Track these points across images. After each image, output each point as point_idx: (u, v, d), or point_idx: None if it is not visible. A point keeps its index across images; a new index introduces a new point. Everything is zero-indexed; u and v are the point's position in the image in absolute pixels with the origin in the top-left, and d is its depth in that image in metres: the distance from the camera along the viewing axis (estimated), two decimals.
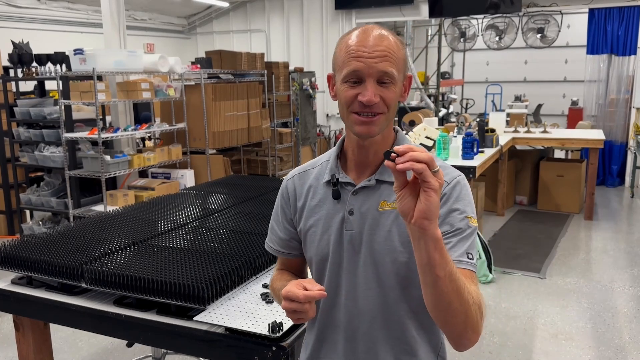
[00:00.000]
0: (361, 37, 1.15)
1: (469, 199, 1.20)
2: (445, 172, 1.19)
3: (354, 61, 1.13)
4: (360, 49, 1.13)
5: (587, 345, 3.52)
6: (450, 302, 1.03)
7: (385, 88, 1.14)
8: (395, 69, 1.14)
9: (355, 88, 1.15)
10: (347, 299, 1.25)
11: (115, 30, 5.68)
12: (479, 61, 11.86)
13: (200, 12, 10.91)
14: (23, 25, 7.70)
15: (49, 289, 2.02)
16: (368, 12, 9.06)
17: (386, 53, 1.13)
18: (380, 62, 1.12)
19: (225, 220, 2.57)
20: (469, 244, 1.15)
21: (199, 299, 1.71)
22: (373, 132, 1.17)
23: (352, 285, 1.24)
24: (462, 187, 1.20)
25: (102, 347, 3.58)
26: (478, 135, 5.46)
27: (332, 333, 1.30)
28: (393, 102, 1.17)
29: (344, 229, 1.24)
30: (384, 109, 1.16)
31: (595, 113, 8.61)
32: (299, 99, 8.17)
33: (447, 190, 1.18)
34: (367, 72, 1.13)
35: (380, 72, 1.13)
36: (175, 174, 5.96)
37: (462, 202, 1.18)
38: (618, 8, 8.00)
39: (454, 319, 1.06)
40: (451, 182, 1.19)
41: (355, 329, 1.26)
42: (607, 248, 5.47)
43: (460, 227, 1.15)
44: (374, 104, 1.14)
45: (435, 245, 0.98)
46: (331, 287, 1.27)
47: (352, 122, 1.18)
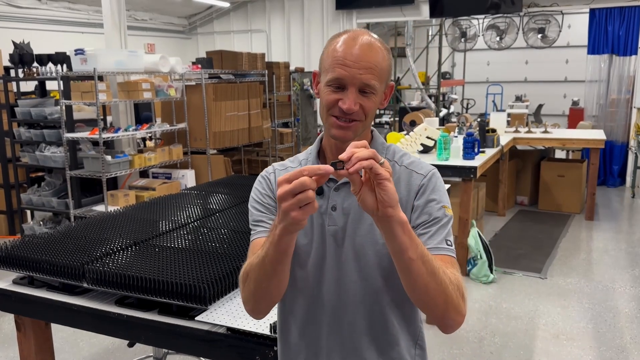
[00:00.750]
0: (349, 45, 1.19)
1: (443, 189, 1.27)
2: (419, 166, 1.29)
3: (339, 68, 1.18)
4: (347, 57, 1.18)
5: (588, 346, 3.52)
6: (426, 283, 1.08)
7: (366, 97, 1.20)
8: (377, 81, 1.20)
9: (337, 93, 1.20)
10: (330, 292, 1.27)
11: (116, 30, 5.68)
12: (480, 61, 11.85)
13: (200, 12, 10.91)
14: (24, 25, 7.70)
15: (51, 289, 2.02)
16: (369, 12, 9.05)
17: (371, 65, 1.18)
18: (364, 74, 1.17)
19: (227, 220, 2.57)
20: (446, 231, 1.22)
21: (200, 298, 1.71)
22: (348, 137, 1.22)
23: (334, 278, 1.26)
24: (437, 179, 1.28)
25: (103, 347, 3.58)
26: (479, 135, 5.45)
27: (314, 325, 1.30)
28: (371, 111, 1.23)
29: (327, 224, 1.26)
30: (361, 117, 1.21)
31: (596, 113, 8.61)
32: (300, 99, 8.17)
33: (424, 182, 1.25)
34: (350, 81, 1.18)
35: (362, 84, 1.18)
36: (176, 174, 5.96)
37: (438, 192, 1.25)
38: (619, 8, 8.00)
39: (434, 300, 1.11)
40: (427, 174, 1.27)
41: (339, 322, 1.27)
42: (608, 248, 5.47)
43: (438, 215, 1.22)
44: (353, 112, 1.19)
45: (402, 229, 1.03)
46: (314, 282, 1.28)
47: (330, 125, 1.24)
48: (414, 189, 1.26)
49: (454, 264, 1.20)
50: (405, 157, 1.33)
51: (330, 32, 9.46)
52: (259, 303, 1.24)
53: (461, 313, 1.15)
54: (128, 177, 5.72)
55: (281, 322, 1.38)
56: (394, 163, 1.31)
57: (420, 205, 1.23)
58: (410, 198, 1.25)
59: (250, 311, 1.27)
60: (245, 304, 1.26)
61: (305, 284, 1.29)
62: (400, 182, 1.27)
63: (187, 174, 5.94)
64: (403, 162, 1.31)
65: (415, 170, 1.28)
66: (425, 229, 1.21)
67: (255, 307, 1.25)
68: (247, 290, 1.22)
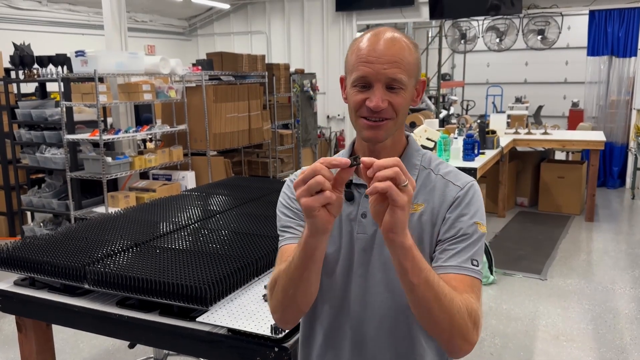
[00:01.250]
0: (372, 41, 1.14)
1: (479, 204, 1.19)
2: (456, 177, 1.22)
3: (362, 66, 1.13)
4: (370, 54, 1.13)
5: (588, 347, 3.52)
6: (430, 308, 1.03)
7: (394, 94, 1.14)
8: (405, 75, 1.13)
9: (363, 93, 1.14)
10: (356, 303, 1.22)
11: (117, 32, 5.69)
12: (480, 63, 11.86)
13: (201, 14, 10.93)
14: (24, 27, 7.71)
15: (52, 290, 2.02)
16: (369, 14, 9.07)
17: (396, 59, 1.12)
18: (390, 68, 1.12)
19: (227, 221, 2.57)
20: (474, 250, 1.15)
21: (201, 300, 1.71)
22: (380, 137, 1.16)
23: (361, 289, 1.22)
24: (474, 193, 1.20)
25: (104, 349, 3.58)
26: (479, 136, 5.46)
27: (338, 338, 1.26)
28: (402, 108, 1.16)
29: (356, 232, 1.22)
30: (392, 115, 1.15)
31: (595, 114, 8.61)
32: (300, 101, 8.18)
33: (460, 194, 1.18)
34: (375, 78, 1.12)
35: (388, 79, 1.12)
36: (177, 175, 5.97)
37: (472, 207, 1.18)
38: (618, 10, 8.01)
39: (438, 326, 1.06)
40: (464, 187, 1.20)
41: (364, 335, 1.23)
42: (608, 249, 5.47)
43: (468, 232, 1.15)
44: (381, 110, 1.13)
45: (405, 254, 0.99)
46: (340, 290, 1.24)
47: (360, 127, 1.18)
48: (448, 200, 1.19)
49: (474, 287, 1.13)
50: (442, 166, 1.26)
51: (330, 33, 9.48)
52: (285, 312, 1.19)
53: (469, 341, 1.08)
54: (128, 179, 5.72)
55: (306, 330, 1.33)
56: (430, 171, 1.24)
57: (451, 218, 1.17)
58: (443, 209, 1.18)
59: (277, 320, 1.22)
60: (273, 313, 1.21)
61: (331, 293, 1.24)
62: (434, 191, 1.21)
63: (187, 176, 5.94)
64: (439, 170, 1.24)
65: (452, 181, 1.21)
66: (451, 245, 1.15)
67: (283, 316, 1.20)
68: (275, 299, 1.17)
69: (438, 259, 1.16)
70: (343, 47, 9.37)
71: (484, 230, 1.18)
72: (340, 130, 9.74)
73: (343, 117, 9.59)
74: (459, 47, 8.62)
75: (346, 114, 9.54)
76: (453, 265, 1.13)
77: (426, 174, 1.23)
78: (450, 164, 1.29)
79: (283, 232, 1.27)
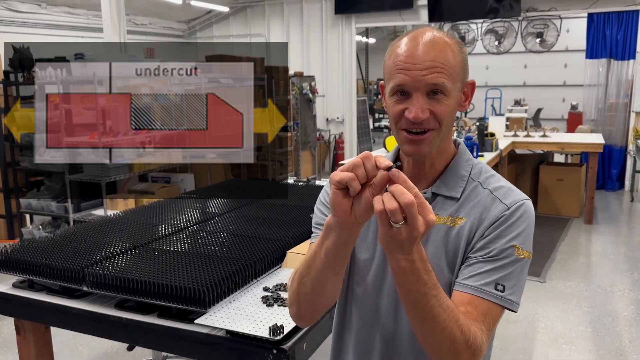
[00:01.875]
0: (410, 46, 1.05)
1: (525, 227, 1.09)
2: (506, 195, 1.12)
3: (400, 74, 1.05)
4: (407, 60, 1.04)
5: (587, 349, 3.52)
6: (417, 328, 0.99)
7: (436, 102, 1.05)
8: (448, 80, 1.05)
9: (402, 103, 1.06)
10: (387, 316, 1.18)
11: (116, 34, 5.70)
12: (479, 65, 11.87)
13: (200, 17, 10.94)
14: (24, 30, 7.71)
15: (50, 292, 2.02)
16: (368, 17, 9.09)
17: (436, 64, 1.03)
18: (429, 75, 1.03)
19: (226, 223, 2.57)
20: (504, 274, 1.05)
21: (200, 302, 1.71)
22: (423, 152, 1.09)
23: (392, 303, 1.16)
24: (522, 214, 1.09)
25: (103, 351, 3.58)
26: (478, 139, 5.47)
27: (368, 349, 1.22)
28: (446, 117, 1.07)
29: None
30: (435, 125, 1.07)
31: (594, 117, 8.63)
32: (299, 104, 8.19)
33: (506, 214, 1.09)
34: (413, 86, 1.04)
35: (429, 85, 1.04)
36: (176, 178, 5.96)
37: (516, 229, 1.08)
38: (617, 12, 8.03)
39: (426, 347, 1.01)
40: (511, 206, 1.09)
41: (394, 349, 1.18)
42: (607, 252, 5.48)
43: (501, 255, 1.06)
44: (422, 121, 1.05)
45: (395, 273, 0.93)
46: (371, 301, 1.19)
47: (401, 141, 1.10)
48: (490, 218, 1.09)
49: (488, 315, 1.04)
50: (492, 180, 1.16)
51: (329, 36, 9.50)
52: (300, 306, 1.13)
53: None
54: (127, 181, 5.72)
55: (336, 338, 1.29)
56: (478, 184, 1.15)
57: (489, 236, 1.07)
58: (483, 227, 1.09)
59: (293, 315, 1.17)
60: (290, 307, 1.16)
61: (362, 303, 1.20)
62: (478, 205, 1.11)
63: (186, 178, 5.94)
64: (489, 184, 1.15)
65: (500, 199, 1.11)
66: (478, 263, 1.06)
67: (298, 310, 1.15)
68: (292, 290, 1.13)
69: (460, 275, 1.09)
70: (342, 50, 9.39)
71: (523, 256, 1.07)
72: (339, 132, 9.75)
73: (342, 119, 9.60)
74: None
75: (346, 117, 9.57)
76: (472, 285, 1.05)
77: (473, 187, 1.15)
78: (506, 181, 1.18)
79: (316, 229, 1.23)
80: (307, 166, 8.87)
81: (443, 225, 1.13)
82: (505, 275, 1.06)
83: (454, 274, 1.11)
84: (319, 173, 9.11)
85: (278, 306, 1.82)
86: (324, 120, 9.80)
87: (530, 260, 1.11)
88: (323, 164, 9.83)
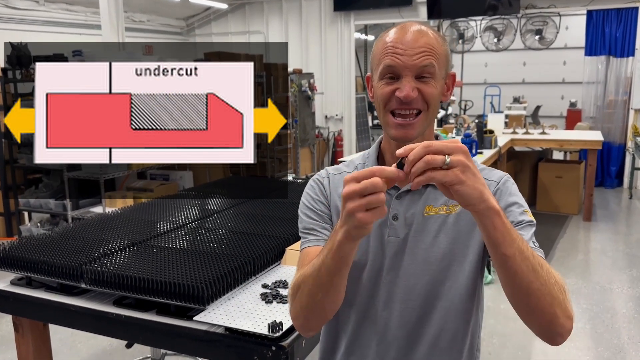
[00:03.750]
0: (398, 34, 1.09)
1: (519, 194, 1.15)
2: (490, 174, 1.17)
3: (390, 57, 1.08)
4: (397, 45, 1.07)
5: (585, 346, 3.53)
6: (529, 282, 0.93)
7: (425, 83, 1.08)
8: (435, 62, 1.08)
9: (392, 84, 1.09)
10: (384, 309, 1.17)
11: (114, 31, 5.69)
12: (478, 63, 11.87)
13: (198, 14, 10.92)
14: (21, 27, 7.69)
15: (49, 289, 2.01)
16: (367, 14, 9.07)
17: (425, 48, 1.07)
18: (419, 58, 1.06)
19: (225, 221, 2.57)
20: (531, 233, 1.09)
21: (198, 299, 1.71)
22: (411, 136, 1.10)
23: (390, 295, 1.16)
24: (512, 185, 1.16)
25: (101, 349, 3.57)
26: (477, 136, 5.47)
27: (362, 346, 1.21)
28: (434, 99, 1.09)
29: (387, 235, 1.16)
30: (423, 106, 1.09)
31: (593, 114, 8.63)
32: (298, 101, 8.18)
33: (499, 187, 1.14)
34: (403, 67, 1.07)
35: (418, 68, 1.07)
36: (174, 175, 5.95)
37: (516, 196, 1.13)
38: (616, 10, 8.03)
39: (540, 303, 0.95)
40: (499, 180, 1.15)
41: (390, 342, 1.18)
42: (606, 249, 5.48)
43: (521, 219, 1.09)
44: (411, 100, 1.07)
45: (492, 223, 0.89)
46: (366, 297, 1.19)
47: (389, 125, 1.12)
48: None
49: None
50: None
51: (328, 33, 9.48)
52: (309, 319, 1.11)
53: (570, 317, 1.00)
54: (126, 179, 5.71)
55: (329, 338, 1.28)
56: None
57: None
58: None
59: (299, 327, 1.15)
60: (295, 319, 1.13)
61: (357, 300, 1.19)
62: None
63: (185, 175, 5.93)
64: None
65: (487, 178, 1.13)
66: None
67: (306, 323, 1.13)
68: (298, 304, 1.09)
69: None
70: (341, 47, 9.38)
71: (533, 218, 1.12)
72: (338, 130, 9.74)
73: (341, 117, 9.59)
74: (457, 47, 8.63)
75: (345, 114, 9.55)
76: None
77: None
78: (479, 162, 1.21)
79: (306, 234, 1.21)
80: (306, 164, 8.87)
81: (440, 215, 1.14)
82: (532, 235, 1.09)
83: (451, 262, 1.13)
84: (317, 170, 9.11)
85: (277, 303, 1.82)
86: (323, 117, 9.79)
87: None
88: (322, 162, 9.82)
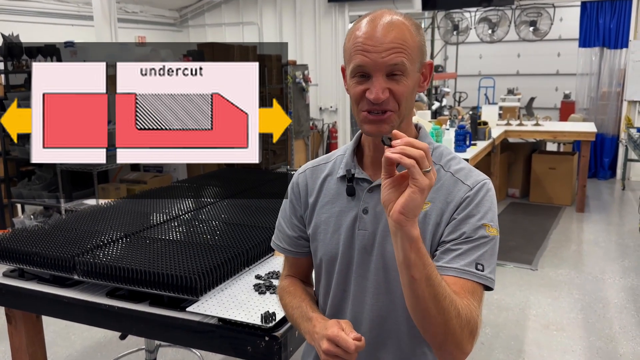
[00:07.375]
0: (368, 28, 1.07)
1: (489, 205, 1.12)
2: (467, 176, 1.15)
3: (359, 55, 1.06)
4: (366, 42, 1.05)
5: (578, 336, 3.55)
6: (427, 308, 0.97)
7: (396, 82, 1.06)
8: (407, 59, 1.05)
9: (363, 84, 1.08)
10: (354, 304, 1.19)
11: (107, 22, 5.64)
12: (472, 54, 11.86)
13: (192, 5, 10.84)
14: (12, 17, 7.61)
15: (41, 281, 2.01)
16: (361, 5, 9.03)
17: (395, 45, 1.04)
18: (388, 56, 1.04)
19: (218, 212, 2.56)
20: (480, 253, 1.07)
21: (191, 290, 1.71)
22: (384, 131, 1.09)
23: (360, 289, 1.17)
24: (486, 193, 1.13)
25: (95, 340, 3.58)
26: (470, 128, 5.47)
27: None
28: (405, 97, 1.08)
29: (357, 228, 1.17)
30: (394, 107, 1.08)
31: (587, 106, 8.65)
32: (292, 92, 8.15)
33: (470, 194, 1.11)
34: (373, 67, 1.05)
35: (388, 67, 1.05)
36: (168, 167, 5.93)
37: (482, 208, 1.10)
38: (610, 1, 8.03)
39: (432, 328, 0.99)
40: (474, 186, 1.12)
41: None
42: (599, 240, 5.51)
43: (474, 235, 1.08)
44: (381, 101, 1.06)
45: (410, 245, 0.93)
46: (338, 291, 1.21)
47: (361, 121, 1.11)
48: (455, 201, 1.11)
49: (475, 294, 1.05)
50: (453, 162, 1.18)
51: (322, 25, 9.44)
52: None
53: (463, 351, 1.01)
54: (119, 171, 5.69)
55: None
56: (440, 167, 1.16)
57: (457, 219, 1.09)
58: (449, 210, 1.11)
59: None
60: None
61: (332, 293, 1.22)
62: (441, 189, 1.13)
63: (178, 167, 5.91)
64: (450, 167, 1.16)
65: (462, 180, 1.13)
66: (455, 246, 1.07)
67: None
68: (284, 310, 1.34)
69: (440, 259, 1.09)
70: (335, 39, 9.34)
71: (494, 233, 1.09)
72: (332, 122, 9.73)
73: (336, 109, 9.58)
74: (451, 38, 8.62)
75: (339, 106, 9.54)
76: (455, 267, 1.06)
77: (436, 170, 1.15)
78: (465, 161, 1.20)
79: (281, 240, 1.34)
80: (301, 155, 8.85)
81: None
82: (482, 255, 1.07)
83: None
84: None
85: (270, 294, 1.82)
86: (318, 109, 9.77)
87: (498, 237, 1.12)
88: (316, 153, 9.81)
